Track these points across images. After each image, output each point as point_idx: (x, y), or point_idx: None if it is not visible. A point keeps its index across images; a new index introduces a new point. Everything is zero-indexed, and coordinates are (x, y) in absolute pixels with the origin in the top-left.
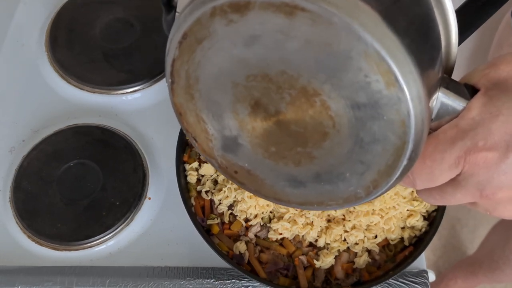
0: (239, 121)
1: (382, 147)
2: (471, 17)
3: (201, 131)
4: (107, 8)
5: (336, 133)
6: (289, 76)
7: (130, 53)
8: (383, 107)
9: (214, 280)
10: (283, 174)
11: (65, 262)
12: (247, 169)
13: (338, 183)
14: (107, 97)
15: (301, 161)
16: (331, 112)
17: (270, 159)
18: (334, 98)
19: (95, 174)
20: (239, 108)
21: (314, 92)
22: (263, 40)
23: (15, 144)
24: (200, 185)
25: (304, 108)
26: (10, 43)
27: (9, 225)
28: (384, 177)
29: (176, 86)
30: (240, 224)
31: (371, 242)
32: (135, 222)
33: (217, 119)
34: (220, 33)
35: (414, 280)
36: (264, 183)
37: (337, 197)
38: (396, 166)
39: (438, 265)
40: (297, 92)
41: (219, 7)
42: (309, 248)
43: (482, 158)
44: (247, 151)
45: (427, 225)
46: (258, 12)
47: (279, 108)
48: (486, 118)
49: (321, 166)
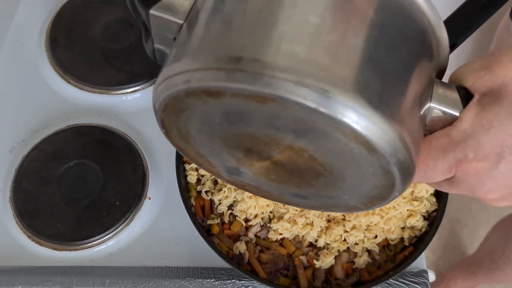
0: (236, 159)
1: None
2: (471, 17)
3: (204, 161)
4: (107, 8)
5: (329, 174)
6: (273, 139)
7: (130, 53)
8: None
9: (214, 280)
10: (287, 191)
11: (65, 262)
12: (254, 185)
13: (339, 200)
14: (107, 97)
15: (301, 186)
16: (320, 161)
17: (273, 183)
18: (320, 153)
19: (95, 174)
20: (234, 152)
21: (301, 149)
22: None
23: (15, 144)
24: (200, 185)
25: (294, 158)
26: (10, 43)
27: (9, 225)
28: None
29: (170, 135)
30: (240, 224)
31: (371, 242)
32: (135, 222)
33: (216, 157)
34: (198, 107)
35: (414, 280)
36: (271, 194)
37: (341, 207)
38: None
39: (438, 265)
40: (284, 147)
41: (192, 92)
42: (309, 248)
43: (473, 168)
44: (250, 176)
45: (427, 225)
46: (231, 97)
47: (270, 155)
48: (477, 131)
49: (321, 190)
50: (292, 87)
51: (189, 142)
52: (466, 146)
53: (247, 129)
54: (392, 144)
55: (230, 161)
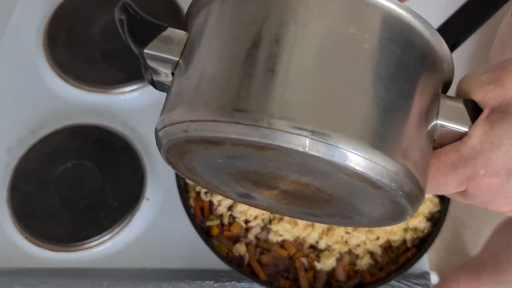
0: (246, 188)
1: (384, 210)
2: (473, 15)
3: (214, 188)
4: (105, 7)
5: (336, 202)
6: (278, 175)
7: (129, 52)
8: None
9: (214, 282)
10: (300, 211)
11: (63, 263)
12: (266, 206)
13: (351, 220)
14: (105, 97)
15: (312, 208)
16: (327, 192)
17: (284, 205)
18: (327, 188)
19: (93, 175)
20: (242, 183)
21: (306, 184)
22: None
23: (12, 144)
24: (199, 186)
25: (301, 189)
26: (8, 42)
27: (6, 226)
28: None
29: (177, 169)
30: (240, 226)
31: (373, 243)
32: (133, 224)
33: (226, 186)
34: (200, 152)
35: (416, 282)
36: (283, 213)
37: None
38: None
39: (441, 266)
40: (290, 182)
41: (192, 140)
42: (310, 250)
43: (484, 184)
44: (261, 200)
45: (430, 227)
46: (230, 146)
47: (278, 186)
48: (487, 148)
49: (332, 212)
50: (289, 136)
51: (196, 174)
52: (476, 163)
53: (252, 167)
54: (397, 179)
55: (240, 189)
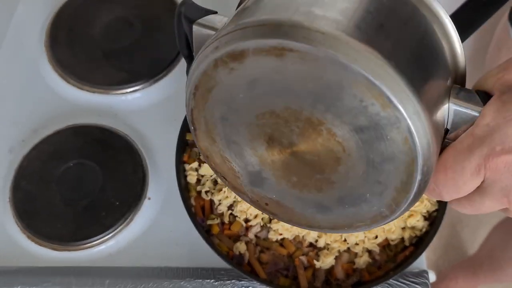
0: (258, 157)
1: (393, 166)
2: (471, 17)
3: (228, 170)
4: (107, 7)
5: (347, 157)
6: (293, 111)
7: (130, 52)
8: (384, 128)
9: (214, 281)
10: (309, 201)
11: (65, 262)
12: (276, 200)
13: (361, 205)
14: (107, 97)
15: (322, 187)
16: (338, 138)
17: (294, 189)
18: (337, 125)
19: (95, 174)
20: (256, 145)
21: (319, 122)
22: (262, 81)
23: (15, 144)
24: (200, 185)
25: (313, 138)
26: (10, 42)
27: (8, 225)
28: (403, 194)
29: (198, 132)
30: (240, 225)
31: (372, 242)
32: (134, 223)
33: (239, 157)
34: (225, 81)
35: (414, 280)
36: (294, 212)
37: (364, 218)
38: (411, 182)
39: (439, 265)
40: (303, 123)
41: (220, 59)
42: (309, 249)
43: (503, 162)
44: (272, 183)
45: (427, 225)
46: (253, 57)
47: (291, 140)
48: (501, 123)
49: (342, 190)
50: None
51: (215, 140)
52: (492, 140)
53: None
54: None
55: (252, 163)
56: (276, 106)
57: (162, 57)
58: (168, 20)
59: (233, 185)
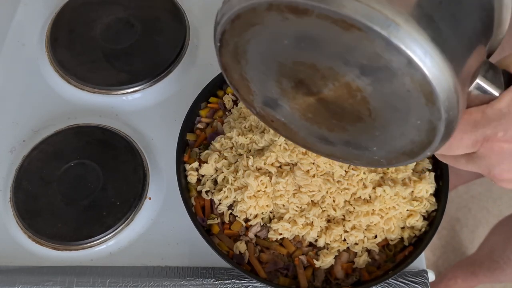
0: (281, 90)
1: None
2: None
3: (243, 86)
4: (107, 8)
5: (371, 121)
6: (335, 72)
7: (131, 53)
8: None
9: (214, 280)
10: (316, 134)
11: (66, 262)
12: (283, 122)
13: (365, 152)
14: (108, 97)
15: (334, 129)
16: (369, 106)
17: (306, 121)
18: (375, 98)
19: (96, 174)
20: (283, 81)
21: (357, 89)
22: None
23: (16, 144)
24: (200, 185)
25: (345, 97)
26: (11, 43)
27: (9, 225)
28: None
29: (224, 50)
30: (240, 224)
31: (371, 242)
32: (135, 222)
33: (261, 83)
34: (273, 24)
35: (413, 280)
36: (297, 135)
37: (362, 159)
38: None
39: (438, 265)
40: (341, 84)
41: (276, 5)
42: (309, 248)
43: (498, 147)
44: (286, 111)
45: (426, 225)
46: (315, 19)
47: (321, 90)
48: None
49: (352, 137)
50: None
51: (239, 62)
52: (498, 125)
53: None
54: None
55: (273, 91)
56: (319, 63)
57: (162, 57)
58: (168, 21)
59: (244, 98)
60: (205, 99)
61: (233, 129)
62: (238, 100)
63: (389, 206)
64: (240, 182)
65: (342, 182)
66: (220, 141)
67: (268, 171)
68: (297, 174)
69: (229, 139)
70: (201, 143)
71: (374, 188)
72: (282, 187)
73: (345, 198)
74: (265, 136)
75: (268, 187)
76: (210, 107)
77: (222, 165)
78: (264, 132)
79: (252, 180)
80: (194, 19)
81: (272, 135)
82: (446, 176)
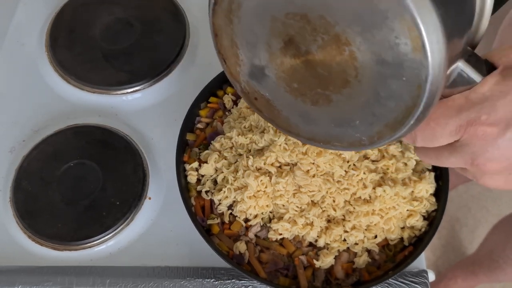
0: (270, 53)
1: (395, 104)
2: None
3: (232, 55)
4: (107, 8)
5: (356, 83)
6: (326, 22)
7: (130, 53)
8: (405, 69)
9: (214, 280)
10: (299, 110)
11: (65, 262)
12: (267, 98)
13: (347, 128)
14: (107, 97)
15: (319, 101)
16: (356, 63)
17: (290, 94)
18: (363, 51)
19: (95, 174)
20: (273, 41)
21: (346, 42)
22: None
23: (15, 144)
24: (200, 185)
25: (333, 54)
26: (10, 43)
27: (9, 225)
28: (390, 131)
29: (217, 7)
30: (240, 224)
31: (371, 242)
32: (135, 222)
33: (250, 47)
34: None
35: (413, 280)
36: (280, 114)
37: (343, 140)
38: (403, 123)
39: (438, 265)
40: (330, 37)
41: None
42: (309, 248)
43: (482, 131)
44: (271, 82)
45: (426, 225)
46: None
47: (310, 49)
48: (495, 95)
49: (336, 110)
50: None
51: (232, 21)
52: (481, 108)
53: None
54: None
55: (261, 57)
56: (311, 11)
57: (162, 57)
58: (168, 20)
59: (230, 70)
60: (205, 99)
61: (233, 129)
62: (238, 100)
63: (389, 206)
64: (240, 182)
65: (342, 182)
66: (220, 141)
67: (268, 171)
68: (297, 174)
69: (229, 139)
70: (201, 143)
71: (374, 188)
72: (282, 187)
73: (345, 198)
74: (265, 136)
75: (268, 187)
76: (210, 107)
77: (222, 165)
78: (264, 132)
79: (252, 180)
80: (194, 19)
81: (272, 135)
82: (446, 176)
